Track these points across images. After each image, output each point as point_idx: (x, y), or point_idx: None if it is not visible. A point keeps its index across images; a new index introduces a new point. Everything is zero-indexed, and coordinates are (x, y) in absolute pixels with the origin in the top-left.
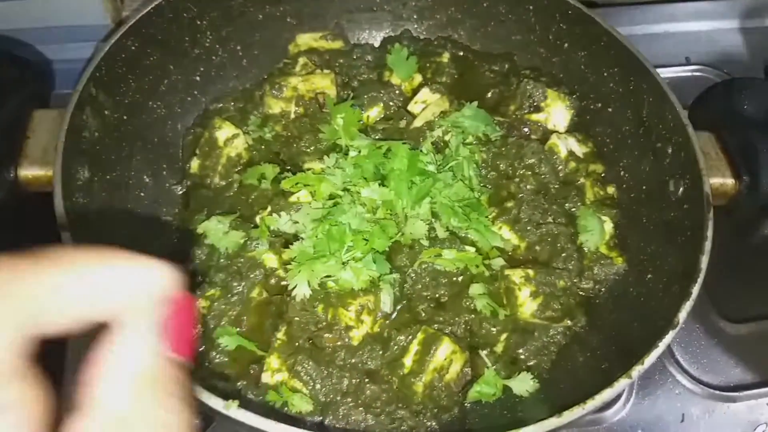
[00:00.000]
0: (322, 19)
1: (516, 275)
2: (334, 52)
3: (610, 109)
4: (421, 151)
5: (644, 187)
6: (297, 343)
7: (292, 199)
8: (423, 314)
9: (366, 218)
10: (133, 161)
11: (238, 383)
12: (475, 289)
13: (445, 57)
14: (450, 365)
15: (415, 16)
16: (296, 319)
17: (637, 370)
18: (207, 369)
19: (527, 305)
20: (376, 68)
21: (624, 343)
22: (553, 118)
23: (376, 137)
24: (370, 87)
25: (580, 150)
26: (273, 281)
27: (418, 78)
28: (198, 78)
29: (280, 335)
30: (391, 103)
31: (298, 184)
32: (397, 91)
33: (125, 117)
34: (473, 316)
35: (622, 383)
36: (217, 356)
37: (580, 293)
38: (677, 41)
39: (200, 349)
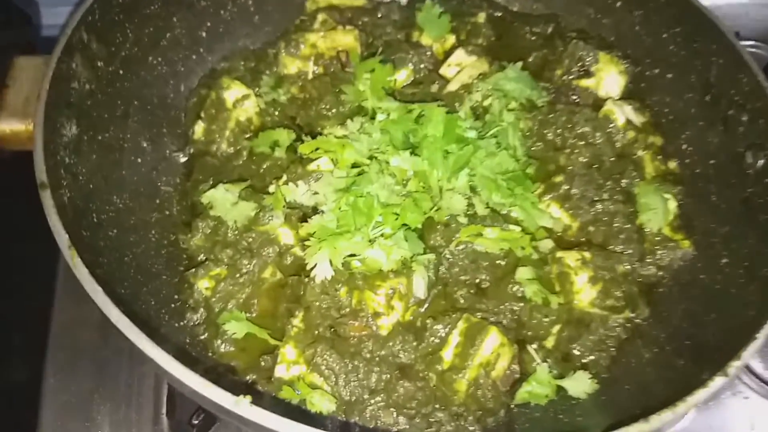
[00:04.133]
0: None
1: (571, 258)
2: (357, 9)
3: (669, 75)
4: (459, 115)
5: (712, 162)
6: (316, 332)
7: (311, 167)
8: (461, 301)
9: (396, 191)
10: (129, 122)
11: (248, 377)
12: (524, 273)
13: (481, 17)
14: (497, 360)
15: None
16: (316, 303)
17: (734, 367)
18: (211, 360)
19: (585, 292)
20: (403, 28)
21: (699, 337)
22: (605, 84)
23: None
24: (397, 48)
25: (637, 119)
26: (289, 260)
27: (450, 40)
28: (204, 34)
29: (296, 322)
30: (421, 66)
31: (318, 149)
32: (428, 53)
33: (121, 71)
34: (521, 304)
35: (717, 382)
36: (223, 345)
37: (641, 281)
38: (723, 15)
39: (203, 337)
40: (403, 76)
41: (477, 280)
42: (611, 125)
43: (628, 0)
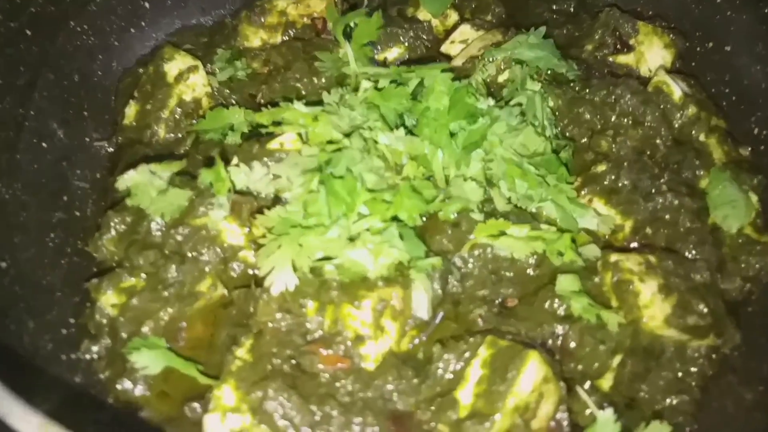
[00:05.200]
0: None
1: (631, 261)
2: None
3: (728, 48)
4: (470, 83)
5: None
6: (269, 366)
7: (272, 145)
8: (481, 323)
9: (386, 177)
10: (35, 96)
11: None
12: (566, 282)
13: None
14: (539, 403)
15: None
16: (271, 325)
17: None
18: (110, 410)
19: (655, 306)
20: (395, 4)
21: None
22: (649, 59)
23: None
24: (388, 22)
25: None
26: (235, 268)
27: (453, 17)
28: (147, 4)
29: (241, 353)
30: (417, 43)
31: (283, 123)
32: (425, 27)
33: (29, 31)
34: (566, 326)
35: None
36: (132, 387)
37: (724, 297)
38: None
39: (103, 376)
40: (394, 55)
41: (500, 297)
42: (665, 99)
43: None
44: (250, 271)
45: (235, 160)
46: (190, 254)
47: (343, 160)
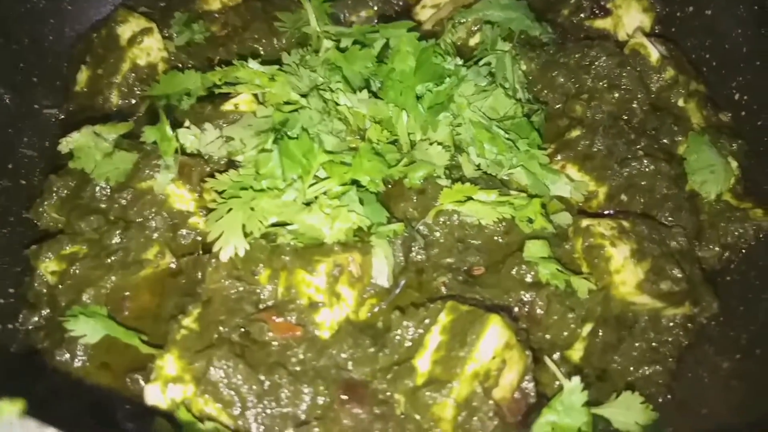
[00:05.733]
0: None
1: (602, 226)
2: None
3: (708, 12)
4: (437, 44)
5: None
6: (216, 335)
7: (227, 106)
8: (444, 291)
9: (347, 141)
10: None
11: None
12: (535, 248)
13: None
14: (501, 371)
15: None
16: (221, 293)
17: None
18: (49, 381)
19: (627, 271)
20: None
21: None
22: (626, 24)
23: None
24: None
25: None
26: (185, 234)
27: None
28: None
29: (188, 321)
30: (386, 8)
31: (237, 83)
32: None
33: None
34: (533, 293)
35: None
36: (72, 358)
37: (701, 266)
38: None
39: (42, 346)
40: (362, 18)
41: (466, 266)
42: (642, 61)
43: None
44: (201, 239)
45: (186, 122)
46: (136, 220)
47: (300, 121)
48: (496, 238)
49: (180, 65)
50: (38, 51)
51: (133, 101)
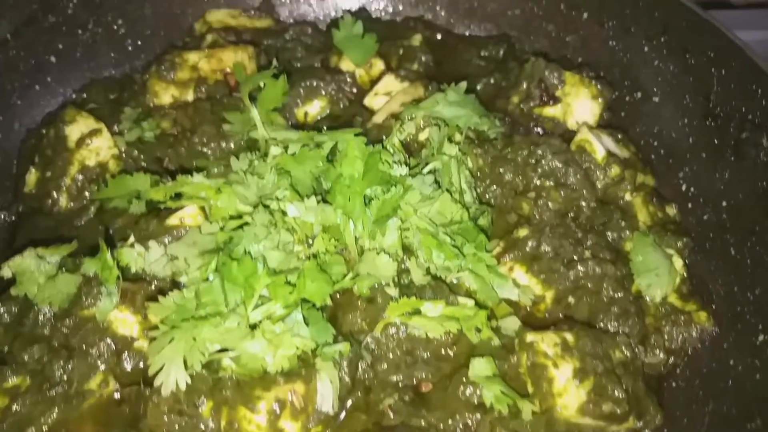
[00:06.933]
0: None
1: (547, 342)
2: (260, 31)
3: (656, 99)
4: (384, 148)
5: (725, 203)
6: None
7: (171, 221)
8: (392, 415)
9: (295, 253)
10: None
11: None
12: (481, 368)
13: (417, 39)
14: None
15: None
16: (163, 429)
17: None
18: None
19: (570, 394)
20: (319, 53)
21: None
22: (576, 111)
23: None
24: (309, 74)
25: (621, 152)
26: (130, 363)
27: (378, 65)
28: (53, 58)
29: None
30: (339, 96)
31: (182, 195)
32: (348, 80)
33: None
34: (478, 415)
35: None
36: None
37: (645, 372)
38: None
39: None
40: (316, 108)
41: (414, 381)
42: (587, 159)
43: (597, 9)
44: (142, 365)
45: (131, 239)
46: (78, 348)
47: (243, 239)
48: (443, 350)
49: (133, 162)
50: None
51: (82, 202)
